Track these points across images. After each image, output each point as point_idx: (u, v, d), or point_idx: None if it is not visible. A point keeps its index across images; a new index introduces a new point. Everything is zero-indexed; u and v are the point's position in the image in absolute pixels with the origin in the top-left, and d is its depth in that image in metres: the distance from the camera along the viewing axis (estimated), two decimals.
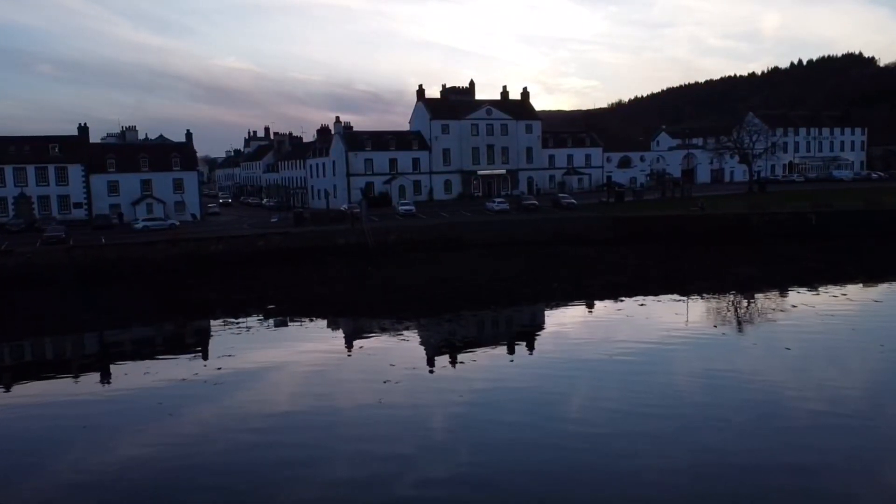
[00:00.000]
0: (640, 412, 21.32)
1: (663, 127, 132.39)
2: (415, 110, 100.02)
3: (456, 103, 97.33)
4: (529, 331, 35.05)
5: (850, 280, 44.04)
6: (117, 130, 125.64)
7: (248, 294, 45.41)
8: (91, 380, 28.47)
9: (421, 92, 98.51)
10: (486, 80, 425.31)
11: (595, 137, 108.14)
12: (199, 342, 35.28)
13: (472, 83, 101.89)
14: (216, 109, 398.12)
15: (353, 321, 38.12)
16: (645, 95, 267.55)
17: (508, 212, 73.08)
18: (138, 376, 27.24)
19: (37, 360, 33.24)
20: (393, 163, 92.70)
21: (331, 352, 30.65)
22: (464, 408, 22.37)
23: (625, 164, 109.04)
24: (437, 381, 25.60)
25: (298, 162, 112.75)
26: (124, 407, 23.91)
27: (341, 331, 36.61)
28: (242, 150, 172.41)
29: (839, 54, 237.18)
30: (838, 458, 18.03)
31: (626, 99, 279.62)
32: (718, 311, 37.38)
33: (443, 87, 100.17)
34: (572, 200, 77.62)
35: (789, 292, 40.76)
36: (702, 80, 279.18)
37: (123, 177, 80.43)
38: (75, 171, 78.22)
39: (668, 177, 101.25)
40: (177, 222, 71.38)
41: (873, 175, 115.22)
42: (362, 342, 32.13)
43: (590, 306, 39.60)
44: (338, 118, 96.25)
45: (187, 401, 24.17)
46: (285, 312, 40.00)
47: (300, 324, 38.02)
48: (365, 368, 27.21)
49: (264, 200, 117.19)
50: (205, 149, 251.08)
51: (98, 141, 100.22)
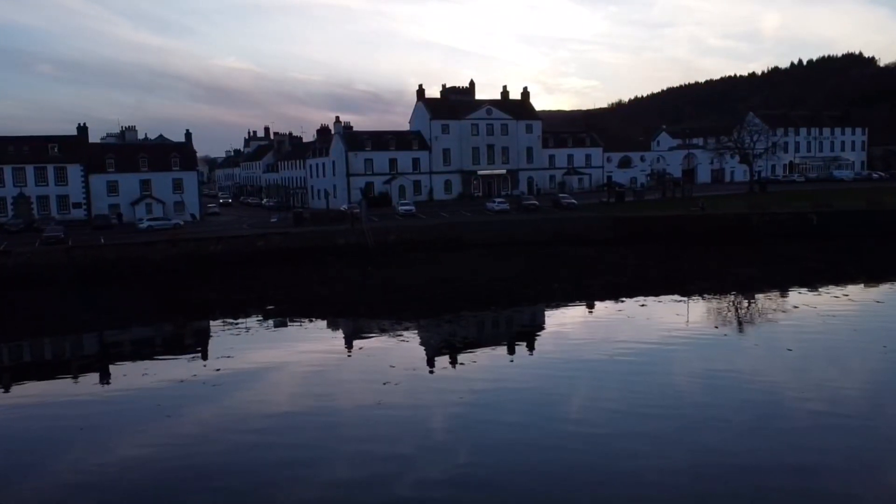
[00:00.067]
0: (640, 412, 21.28)
1: (664, 127, 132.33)
2: (415, 110, 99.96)
3: (456, 103, 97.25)
4: (529, 331, 34.95)
5: (851, 280, 43.95)
6: (117, 130, 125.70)
7: (248, 294, 45.33)
8: (90, 380, 28.39)
9: (421, 92, 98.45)
10: (486, 80, 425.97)
11: (595, 137, 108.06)
12: (198, 343, 35.19)
13: (472, 83, 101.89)
14: (216, 109, 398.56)
15: (353, 322, 38.03)
16: (645, 95, 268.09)
17: (508, 212, 72.98)
18: (137, 377, 27.19)
19: (36, 361, 33.20)
20: (393, 163, 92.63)
21: (330, 352, 30.57)
22: (464, 408, 22.32)
23: (625, 164, 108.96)
24: (437, 381, 25.53)
25: (298, 162, 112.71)
26: (123, 408, 23.86)
27: (341, 331, 36.54)
28: (242, 150, 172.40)
29: (839, 54, 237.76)
30: (839, 459, 17.99)
31: (626, 99, 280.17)
32: (719, 311, 37.30)
33: (443, 87, 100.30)
34: (573, 200, 77.52)
35: (790, 293, 40.68)
36: (702, 80, 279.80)
37: (123, 177, 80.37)
38: (74, 171, 78.18)
39: (668, 177, 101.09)
40: (181, 222, 71.32)
41: (874, 175, 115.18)
42: (362, 343, 32.05)
43: (590, 307, 39.54)
44: (338, 118, 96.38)
45: (187, 401, 24.12)
46: (285, 313, 39.92)
47: (300, 324, 37.95)
48: (365, 369, 27.14)
49: (264, 200, 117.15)
50: (205, 149, 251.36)
51: (98, 141, 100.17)
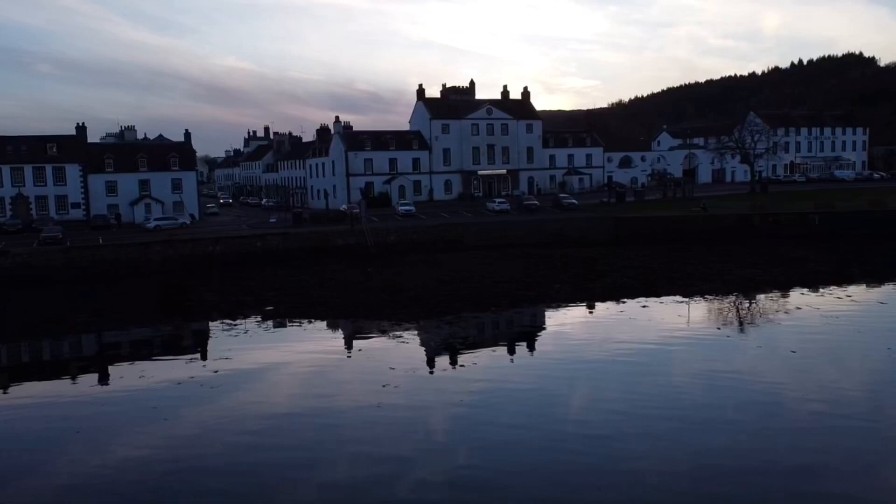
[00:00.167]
0: (641, 413, 21.19)
1: (664, 127, 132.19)
2: (415, 110, 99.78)
3: (456, 103, 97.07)
4: (530, 332, 34.81)
5: (854, 281, 43.81)
6: (116, 130, 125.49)
7: (247, 295, 45.12)
8: (88, 381, 28.22)
9: (421, 92, 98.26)
10: (486, 79, 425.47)
11: (596, 137, 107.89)
12: (197, 344, 35.02)
13: (472, 83, 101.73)
14: (216, 109, 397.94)
15: (353, 323, 37.85)
16: (645, 95, 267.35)
17: (509, 212, 72.81)
18: (135, 378, 27.05)
19: (34, 362, 33.11)
20: (393, 163, 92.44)
21: (330, 353, 30.42)
22: (464, 409, 22.19)
23: (626, 164, 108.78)
24: (436, 382, 25.40)
25: (298, 162, 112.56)
26: (122, 409, 23.74)
27: (340, 332, 36.36)
28: (242, 149, 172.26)
29: (839, 54, 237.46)
30: (840, 460, 17.94)
31: (626, 99, 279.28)
32: (721, 312, 37.14)
33: (443, 86, 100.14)
34: (573, 200, 77.30)
35: (792, 293, 40.51)
36: (702, 79, 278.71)
37: (121, 177, 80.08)
38: (73, 171, 77.94)
39: (669, 177, 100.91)
40: (187, 221, 71.04)
41: (875, 175, 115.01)
42: (362, 344, 31.86)
43: (591, 307, 39.38)
44: (337, 118, 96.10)
45: (185, 403, 24.00)
46: (284, 314, 39.73)
47: (299, 325, 37.76)
48: (364, 370, 27.00)
49: (264, 200, 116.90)
50: (204, 148, 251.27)
51: (97, 140, 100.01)
